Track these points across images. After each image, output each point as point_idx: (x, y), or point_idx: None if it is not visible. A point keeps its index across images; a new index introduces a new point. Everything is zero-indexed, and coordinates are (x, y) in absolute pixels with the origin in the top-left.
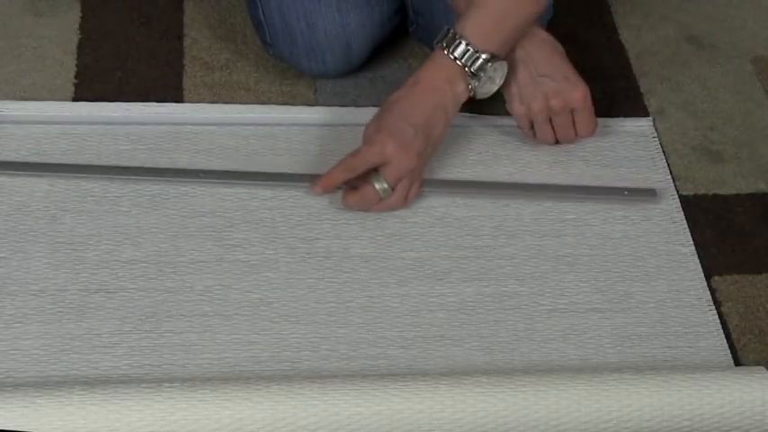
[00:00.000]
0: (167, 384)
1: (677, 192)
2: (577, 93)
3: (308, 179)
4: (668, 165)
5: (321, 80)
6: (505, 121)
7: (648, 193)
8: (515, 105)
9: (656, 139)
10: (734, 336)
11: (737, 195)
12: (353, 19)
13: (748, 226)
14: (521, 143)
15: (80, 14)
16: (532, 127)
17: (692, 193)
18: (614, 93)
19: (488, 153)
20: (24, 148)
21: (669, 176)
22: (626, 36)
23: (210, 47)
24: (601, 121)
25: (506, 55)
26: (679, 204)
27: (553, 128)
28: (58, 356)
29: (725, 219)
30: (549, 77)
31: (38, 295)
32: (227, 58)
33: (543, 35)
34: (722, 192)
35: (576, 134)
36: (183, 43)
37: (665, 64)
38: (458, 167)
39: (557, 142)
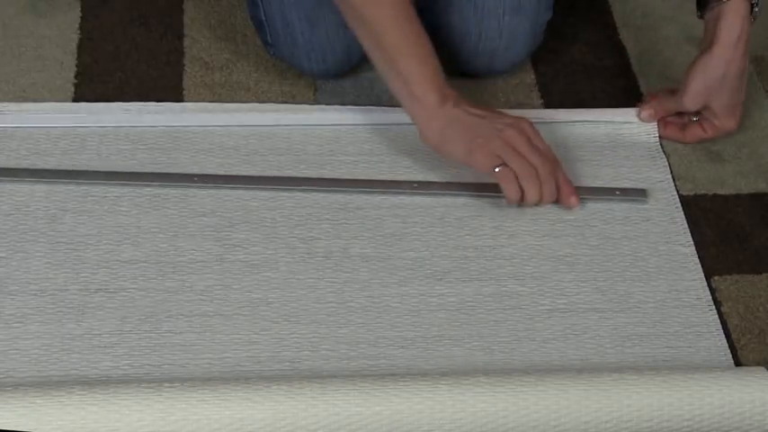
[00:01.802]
0: (167, 384)
1: (677, 191)
2: (521, 121)
3: (307, 183)
4: (669, 164)
5: (321, 80)
6: None
7: (639, 193)
8: (479, 157)
9: (657, 135)
10: (734, 336)
11: (737, 195)
12: None
13: (748, 226)
14: None
15: (80, 14)
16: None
17: (692, 193)
18: (614, 93)
19: None
20: (24, 147)
21: (669, 176)
22: (626, 36)
23: (210, 47)
24: (603, 112)
25: None
26: (679, 204)
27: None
28: (57, 356)
29: (725, 219)
30: (487, 119)
31: (38, 295)
32: (227, 58)
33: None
34: (722, 192)
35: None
36: (183, 43)
37: (665, 64)
38: (457, 167)
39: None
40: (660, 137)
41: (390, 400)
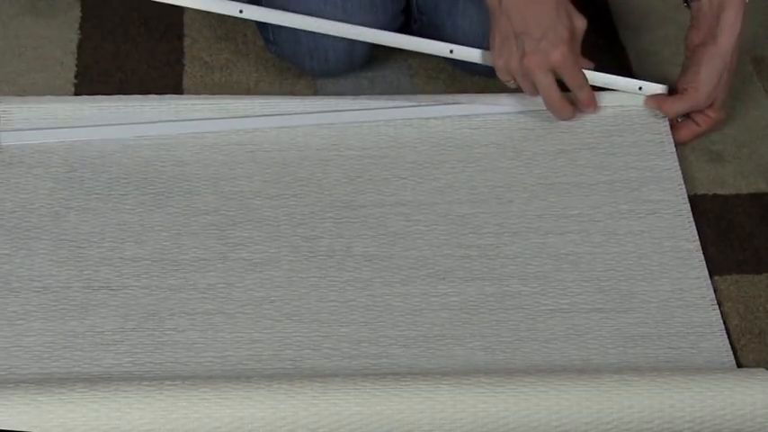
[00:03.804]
0: (169, 382)
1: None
2: (556, 54)
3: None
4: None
5: (321, 80)
6: (509, 117)
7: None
8: (495, 58)
9: (666, 122)
10: (734, 336)
11: (737, 195)
12: (358, 19)
13: (748, 226)
14: (525, 134)
15: (80, 14)
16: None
17: (691, 193)
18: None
19: (492, 146)
20: (27, 146)
21: (677, 164)
22: (626, 36)
23: (210, 47)
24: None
25: None
26: (686, 195)
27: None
28: (60, 353)
29: (725, 219)
30: (528, 35)
31: (41, 292)
32: (227, 58)
33: None
34: (722, 192)
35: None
36: (182, 43)
37: (665, 64)
38: (462, 161)
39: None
40: None
41: (391, 400)
